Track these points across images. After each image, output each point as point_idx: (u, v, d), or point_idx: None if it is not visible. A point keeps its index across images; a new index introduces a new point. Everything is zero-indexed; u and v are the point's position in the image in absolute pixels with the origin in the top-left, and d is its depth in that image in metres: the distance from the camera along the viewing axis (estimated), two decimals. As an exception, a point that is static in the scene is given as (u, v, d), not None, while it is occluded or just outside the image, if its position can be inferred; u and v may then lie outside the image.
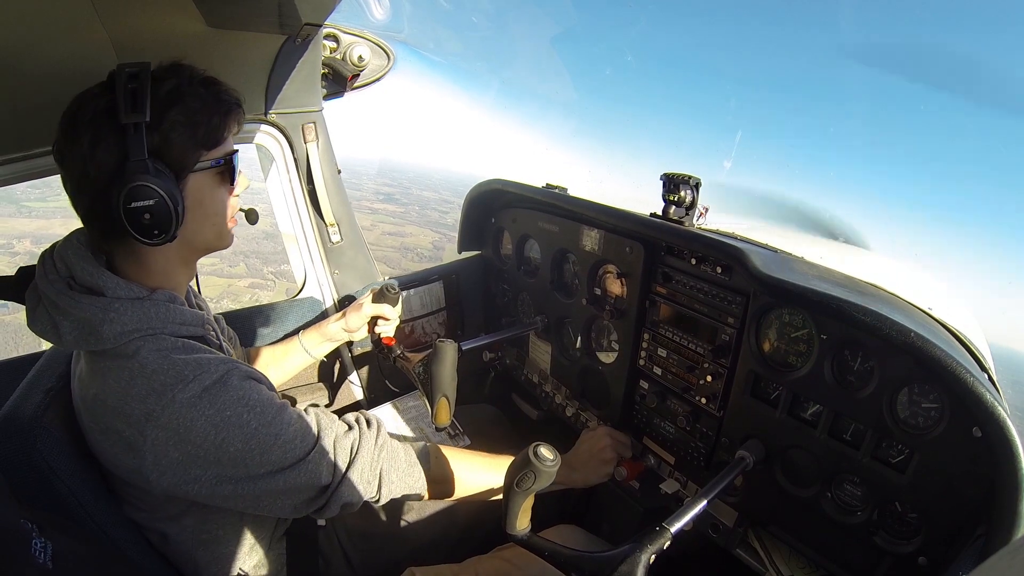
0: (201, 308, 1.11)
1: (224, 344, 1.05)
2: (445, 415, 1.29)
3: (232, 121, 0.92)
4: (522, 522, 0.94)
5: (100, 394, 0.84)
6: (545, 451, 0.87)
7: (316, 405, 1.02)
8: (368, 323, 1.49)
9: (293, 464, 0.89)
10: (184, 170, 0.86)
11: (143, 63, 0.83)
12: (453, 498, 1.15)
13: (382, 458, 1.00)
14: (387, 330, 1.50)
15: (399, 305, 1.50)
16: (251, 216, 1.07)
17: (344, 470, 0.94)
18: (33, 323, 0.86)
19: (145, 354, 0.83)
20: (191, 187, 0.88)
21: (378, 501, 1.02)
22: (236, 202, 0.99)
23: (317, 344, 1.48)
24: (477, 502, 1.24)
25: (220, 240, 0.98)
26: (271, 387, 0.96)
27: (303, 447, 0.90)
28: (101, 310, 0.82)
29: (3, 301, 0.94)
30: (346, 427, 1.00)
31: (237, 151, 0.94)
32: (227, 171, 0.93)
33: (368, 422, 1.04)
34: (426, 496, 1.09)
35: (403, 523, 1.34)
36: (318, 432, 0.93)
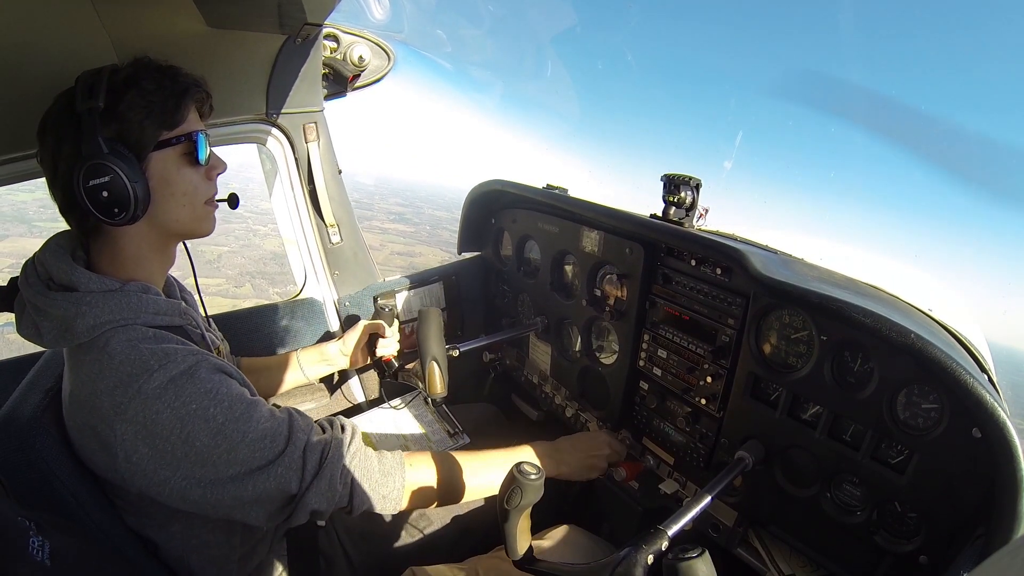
0: (186, 301, 1.10)
1: (208, 336, 1.02)
2: (437, 383, 1.26)
3: (189, 100, 0.91)
4: (522, 545, 0.95)
5: (74, 389, 0.85)
6: (527, 467, 0.90)
7: (300, 411, 0.99)
8: (367, 343, 1.51)
9: (262, 467, 0.86)
10: (144, 150, 0.86)
11: (111, 64, 0.86)
12: (441, 505, 1.10)
13: (354, 466, 0.96)
14: (386, 349, 1.51)
15: (395, 324, 1.53)
16: (232, 201, 1.04)
17: (312, 477, 0.90)
18: (20, 328, 0.87)
19: (114, 344, 0.82)
20: (155, 166, 0.88)
21: (350, 511, 0.97)
22: (212, 186, 0.97)
23: (314, 363, 1.48)
24: (477, 501, 1.23)
25: (196, 223, 0.96)
26: (244, 382, 0.93)
27: (273, 449, 0.87)
28: (74, 305, 0.82)
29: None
30: (319, 430, 0.97)
31: (201, 131, 0.93)
32: (191, 150, 0.91)
33: (343, 427, 1.01)
34: (403, 507, 1.03)
35: (403, 523, 1.34)
36: (289, 434, 0.90)
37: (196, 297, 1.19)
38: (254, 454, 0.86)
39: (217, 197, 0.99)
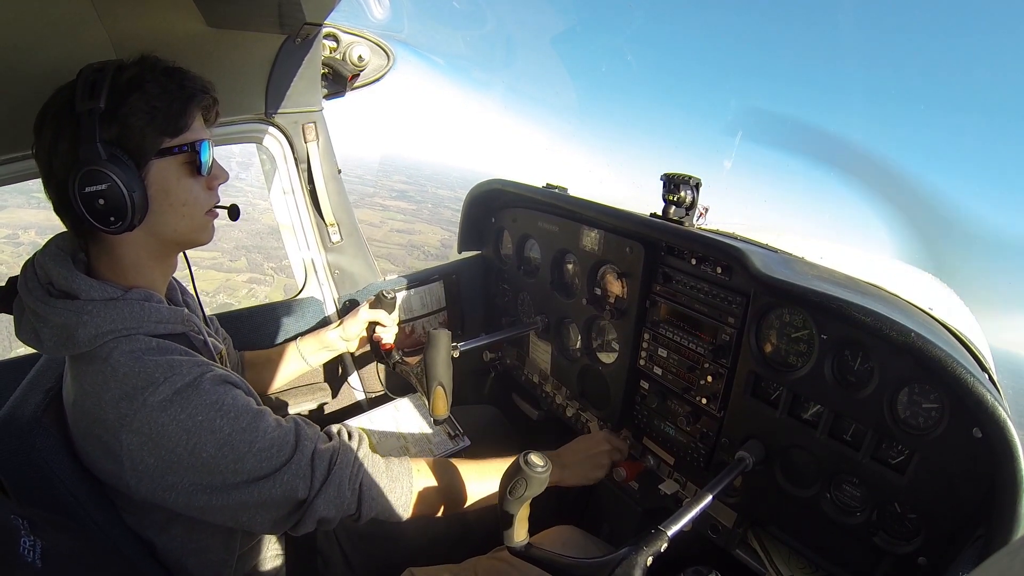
0: (188, 305, 1.09)
1: (211, 341, 1.00)
2: (442, 405, 1.27)
3: (195, 107, 0.89)
4: (519, 533, 0.95)
5: (79, 399, 0.83)
6: (535, 458, 0.88)
7: (304, 415, 0.96)
8: (367, 330, 1.51)
9: (269, 475, 0.86)
10: (144, 157, 0.84)
11: (116, 60, 0.84)
12: (446, 512, 1.10)
13: (362, 472, 0.96)
14: (386, 336, 1.51)
15: (396, 311, 1.51)
16: (233, 212, 1.02)
17: (321, 483, 0.90)
18: (19, 332, 0.86)
19: (117, 356, 0.81)
20: (154, 175, 0.86)
21: (358, 519, 0.97)
22: (212, 196, 0.95)
23: (314, 351, 1.48)
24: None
25: (195, 233, 0.94)
26: (249, 392, 0.93)
27: (279, 457, 0.87)
28: (75, 314, 0.81)
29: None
30: (326, 439, 0.97)
31: (206, 140, 0.90)
32: (193, 159, 0.89)
33: (350, 434, 1.01)
34: (410, 514, 1.03)
35: (402, 524, 1.34)
36: (296, 442, 0.90)
37: (196, 302, 1.19)
38: (261, 463, 0.85)
39: (217, 205, 0.97)
